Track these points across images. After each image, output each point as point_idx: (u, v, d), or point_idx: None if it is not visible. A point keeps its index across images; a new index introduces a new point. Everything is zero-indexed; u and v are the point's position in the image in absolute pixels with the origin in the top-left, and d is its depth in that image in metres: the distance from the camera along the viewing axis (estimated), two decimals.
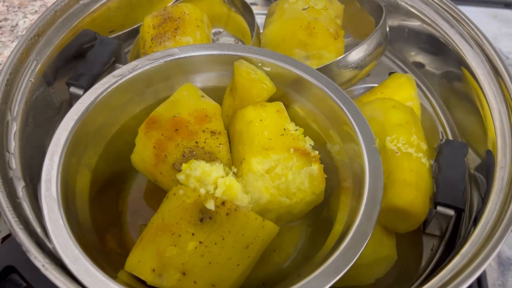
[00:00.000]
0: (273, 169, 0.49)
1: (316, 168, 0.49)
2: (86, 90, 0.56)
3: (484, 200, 0.45)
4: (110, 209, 0.53)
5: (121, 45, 0.65)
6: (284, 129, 0.51)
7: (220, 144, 0.48)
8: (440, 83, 0.66)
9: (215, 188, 0.44)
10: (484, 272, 0.68)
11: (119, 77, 0.52)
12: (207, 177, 0.44)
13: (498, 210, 0.43)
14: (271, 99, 0.54)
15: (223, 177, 0.45)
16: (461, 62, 0.60)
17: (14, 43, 0.73)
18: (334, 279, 0.39)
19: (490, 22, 0.98)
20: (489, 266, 0.73)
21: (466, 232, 0.49)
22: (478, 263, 0.39)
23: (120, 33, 0.70)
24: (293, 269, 0.49)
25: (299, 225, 0.53)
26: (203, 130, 0.49)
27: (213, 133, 0.49)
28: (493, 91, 0.53)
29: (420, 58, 0.70)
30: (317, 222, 0.53)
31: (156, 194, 0.54)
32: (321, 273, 0.40)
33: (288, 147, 0.49)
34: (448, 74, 0.65)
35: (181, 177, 0.44)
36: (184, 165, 0.44)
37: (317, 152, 0.49)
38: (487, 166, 0.51)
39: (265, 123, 0.51)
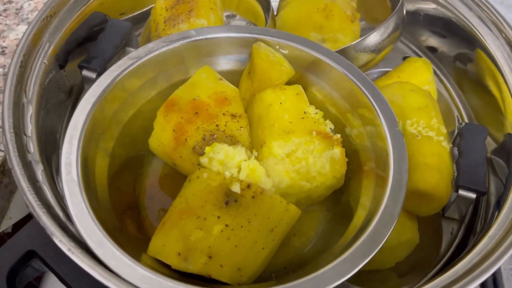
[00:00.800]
0: (294, 152, 0.48)
1: (338, 151, 0.48)
2: (99, 73, 0.55)
3: (506, 184, 0.45)
4: (128, 194, 0.52)
5: (132, 27, 0.63)
6: (305, 112, 0.50)
7: (241, 127, 0.48)
8: (455, 67, 0.66)
9: (239, 172, 0.44)
10: None
11: (135, 59, 0.51)
12: (231, 160, 0.44)
13: None
14: (288, 83, 0.53)
15: (246, 160, 0.44)
16: (478, 45, 0.60)
17: (20, 26, 0.71)
18: (363, 263, 0.39)
19: (497, 8, 0.98)
20: None
21: (489, 216, 0.49)
22: (506, 246, 0.38)
23: (130, 15, 0.68)
24: (314, 253, 0.49)
25: (318, 209, 0.53)
26: (223, 113, 0.48)
27: (233, 116, 0.48)
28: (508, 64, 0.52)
29: (433, 42, 0.69)
30: (336, 207, 0.52)
31: (172, 179, 0.53)
32: (349, 257, 0.39)
33: (309, 130, 0.48)
34: (463, 58, 0.65)
35: (204, 160, 0.44)
36: (207, 148, 0.44)
37: (339, 135, 0.49)
38: (508, 149, 0.51)
39: (285, 106, 0.50)
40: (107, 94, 0.48)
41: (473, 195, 0.48)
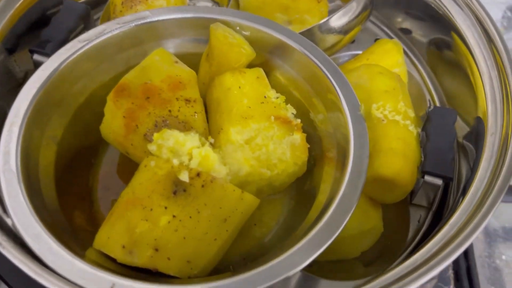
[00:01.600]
0: (253, 139, 0.46)
1: (298, 137, 0.46)
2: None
3: (473, 169, 0.43)
4: (80, 185, 0.49)
5: (90, 10, 0.60)
6: (265, 96, 0.48)
7: (195, 112, 0.45)
8: (428, 49, 0.64)
9: (190, 159, 0.41)
10: (470, 243, 0.67)
11: (85, 42, 0.48)
12: (181, 148, 0.41)
13: (489, 178, 0.41)
14: (250, 66, 0.51)
15: (198, 147, 0.42)
16: (450, 27, 0.58)
17: None
18: (317, 253, 0.37)
19: None
20: (476, 238, 0.72)
21: (455, 203, 0.47)
22: (468, 233, 0.37)
23: None
24: (275, 243, 0.47)
25: (281, 198, 0.51)
26: (176, 98, 0.45)
27: (187, 101, 0.45)
28: (484, 55, 0.50)
29: (407, 24, 0.67)
30: (299, 195, 0.50)
31: (131, 168, 0.51)
32: (303, 247, 0.37)
33: (268, 116, 0.46)
34: (437, 40, 0.62)
35: (152, 147, 0.41)
36: (156, 134, 0.41)
37: (299, 121, 0.47)
38: (477, 134, 0.49)
39: (244, 90, 0.48)
40: (54, 78, 0.46)
41: (439, 182, 0.47)
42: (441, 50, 0.61)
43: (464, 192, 0.43)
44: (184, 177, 0.39)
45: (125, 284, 0.34)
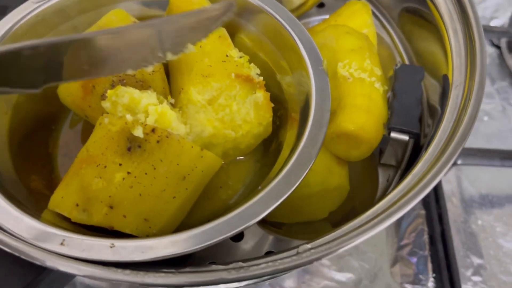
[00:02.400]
0: (216, 99, 0.45)
1: (260, 95, 0.45)
2: None
3: (437, 125, 0.42)
4: (40, 152, 0.48)
5: None
6: (227, 55, 0.47)
7: (153, 71, 0.44)
8: (400, 12, 0.63)
9: (146, 117, 0.40)
10: (445, 207, 0.67)
11: (40, 2, 0.46)
12: (137, 105, 0.40)
13: (451, 128, 0.40)
14: None
15: (155, 105, 0.41)
16: None
17: None
18: (274, 204, 0.36)
19: None
20: (451, 203, 0.72)
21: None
22: (427, 181, 0.36)
23: None
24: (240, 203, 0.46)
25: (247, 160, 0.50)
26: None
27: None
28: (449, 8, 0.49)
29: None
30: (266, 157, 0.50)
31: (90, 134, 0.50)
32: (261, 199, 0.36)
33: (230, 74, 0.45)
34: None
35: (106, 104, 0.40)
36: (109, 91, 0.40)
37: (261, 78, 0.46)
38: (443, 90, 0.48)
39: (205, 49, 0.46)
40: (6, 41, 0.44)
41: (405, 137, 0.46)
42: (411, 11, 0.60)
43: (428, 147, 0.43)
44: (138, 132, 0.38)
45: (75, 239, 0.33)
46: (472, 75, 0.42)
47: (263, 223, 0.50)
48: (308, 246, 0.34)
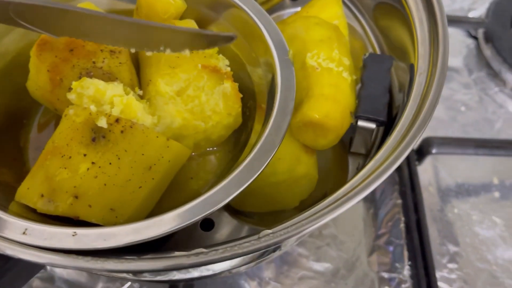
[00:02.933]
0: (184, 90, 0.45)
1: (228, 85, 0.46)
2: None
3: (402, 110, 0.43)
4: (11, 145, 0.48)
5: None
6: None
7: (120, 62, 0.44)
8: (374, 4, 0.63)
9: (112, 108, 0.40)
10: (420, 196, 0.68)
11: None
12: (102, 96, 0.40)
13: (413, 114, 0.41)
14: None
15: (121, 96, 0.41)
16: None
17: None
18: (236, 192, 0.36)
19: None
20: (428, 192, 0.73)
21: None
22: (387, 165, 0.37)
23: None
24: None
25: (219, 151, 0.50)
26: (101, 50, 0.44)
27: (112, 52, 0.44)
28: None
29: None
30: (236, 147, 0.50)
31: None
32: (223, 187, 0.37)
33: (196, 65, 0.45)
34: None
35: (72, 96, 0.40)
36: (74, 83, 0.40)
37: (229, 69, 0.46)
38: (410, 79, 0.49)
39: None
40: None
41: (372, 125, 0.47)
42: (384, 3, 0.61)
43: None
44: (102, 123, 0.38)
45: (37, 228, 0.34)
46: (435, 63, 0.43)
47: (235, 213, 0.51)
48: (269, 231, 0.34)
